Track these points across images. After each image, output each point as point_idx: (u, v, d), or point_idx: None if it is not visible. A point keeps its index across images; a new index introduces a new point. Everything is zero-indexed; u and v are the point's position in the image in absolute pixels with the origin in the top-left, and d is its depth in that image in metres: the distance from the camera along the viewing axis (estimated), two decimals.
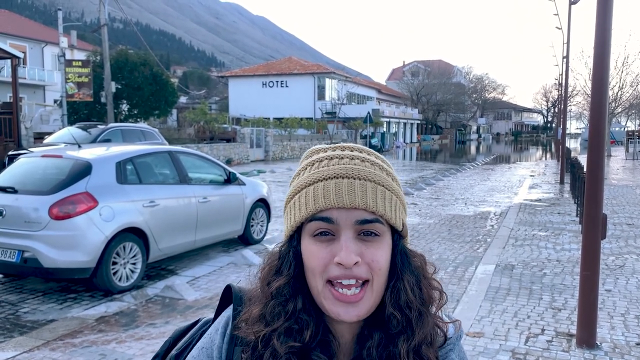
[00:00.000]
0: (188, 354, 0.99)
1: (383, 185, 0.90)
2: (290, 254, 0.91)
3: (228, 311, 0.97)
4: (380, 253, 0.88)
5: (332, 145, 0.96)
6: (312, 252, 0.88)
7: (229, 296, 0.98)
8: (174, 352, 1.02)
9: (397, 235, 0.92)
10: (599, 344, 4.40)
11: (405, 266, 0.91)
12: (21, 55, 18.49)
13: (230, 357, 0.92)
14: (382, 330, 0.89)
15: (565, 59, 21.73)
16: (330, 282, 0.87)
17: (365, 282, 0.87)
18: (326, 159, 0.92)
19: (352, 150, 0.94)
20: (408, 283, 0.89)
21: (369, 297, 0.87)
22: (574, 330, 4.63)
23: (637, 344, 4.44)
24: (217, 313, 1.00)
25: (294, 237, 0.92)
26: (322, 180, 0.89)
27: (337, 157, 0.91)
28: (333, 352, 0.90)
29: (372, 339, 0.89)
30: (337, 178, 0.88)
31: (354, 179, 0.88)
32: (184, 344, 1.02)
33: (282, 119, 39.10)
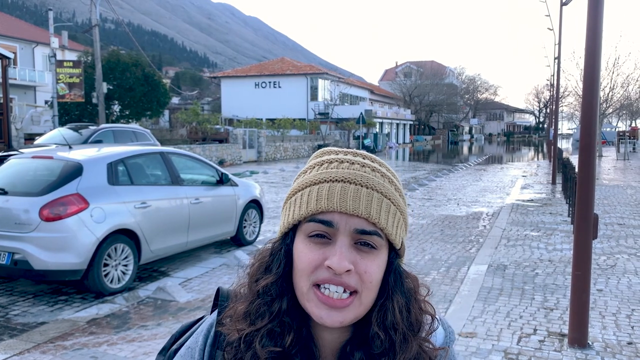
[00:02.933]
0: None
1: (389, 199, 0.87)
2: (282, 252, 0.88)
3: (214, 315, 0.95)
4: (374, 266, 0.85)
5: (345, 150, 0.94)
6: (303, 252, 0.85)
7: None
8: (174, 347, 1.02)
9: (394, 253, 0.89)
10: (590, 343, 4.42)
11: (397, 286, 0.88)
12: (11, 55, 18.32)
13: None
14: (364, 350, 0.87)
15: (556, 60, 21.85)
16: (316, 285, 0.84)
17: (353, 292, 0.84)
18: (336, 161, 0.89)
19: (364, 158, 0.91)
20: (397, 304, 0.87)
21: (356, 306, 0.85)
22: (566, 330, 4.64)
23: (629, 344, 4.46)
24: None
25: (289, 235, 0.89)
26: (328, 182, 0.86)
27: (347, 162, 0.89)
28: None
29: (353, 357, 0.87)
30: (344, 182, 0.85)
31: (362, 186, 0.85)
32: (184, 340, 1.02)
33: (274, 119, 39.07)
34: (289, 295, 0.87)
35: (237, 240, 8.27)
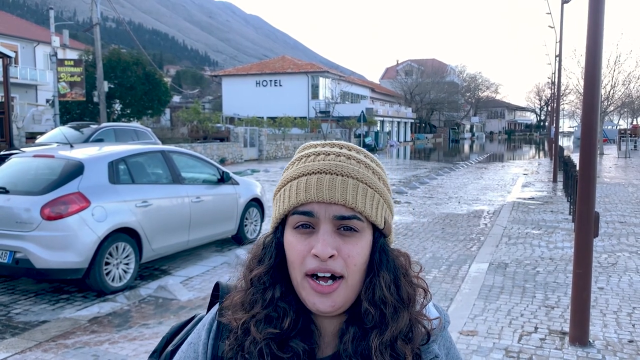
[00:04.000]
0: None
1: (365, 183, 0.92)
2: (273, 245, 0.94)
3: (215, 308, 1.00)
4: (357, 249, 0.90)
5: (323, 142, 0.98)
6: (291, 244, 0.90)
7: (218, 293, 1.01)
8: (169, 348, 1.05)
9: (378, 233, 0.94)
10: (591, 341, 4.42)
11: (382, 263, 0.92)
12: (13, 54, 18.32)
13: (216, 353, 0.95)
14: (358, 325, 0.91)
15: (558, 58, 21.83)
16: (309, 275, 0.89)
17: (340, 277, 0.89)
18: (314, 154, 0.94)
19: (340, 148, 0.96)
20: (384, 280, 0.91)
21: (343, 289, 0.89)
22: (567, 328, 4.64)
23: (630, 342, 4.46)
24: (209, 310, 1.03)
25: (279, 229, 0.95)
26: (305, 175, 0.91)
27: (324, 154, 0.94)
28: (314, 343, 0.92)
29: (348, 333, 0.91)
30: (320, 173, 0.90)
31: (336, 175, 0.90)
32: (179, 340, 1.05)
33: (275, 118, 39.05)
34: (282, 284, 0.92)
35: (238, 239, 8.27)
